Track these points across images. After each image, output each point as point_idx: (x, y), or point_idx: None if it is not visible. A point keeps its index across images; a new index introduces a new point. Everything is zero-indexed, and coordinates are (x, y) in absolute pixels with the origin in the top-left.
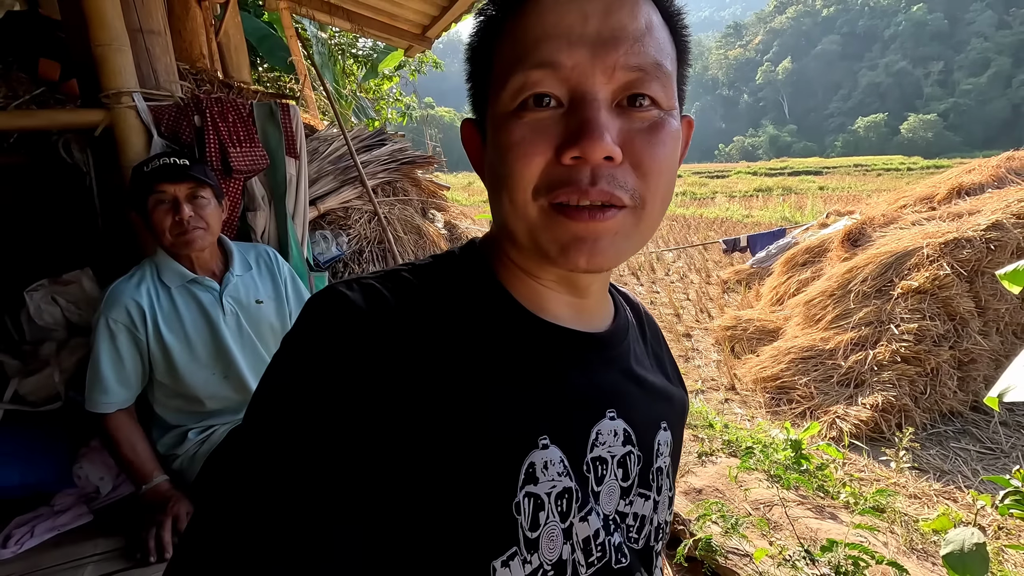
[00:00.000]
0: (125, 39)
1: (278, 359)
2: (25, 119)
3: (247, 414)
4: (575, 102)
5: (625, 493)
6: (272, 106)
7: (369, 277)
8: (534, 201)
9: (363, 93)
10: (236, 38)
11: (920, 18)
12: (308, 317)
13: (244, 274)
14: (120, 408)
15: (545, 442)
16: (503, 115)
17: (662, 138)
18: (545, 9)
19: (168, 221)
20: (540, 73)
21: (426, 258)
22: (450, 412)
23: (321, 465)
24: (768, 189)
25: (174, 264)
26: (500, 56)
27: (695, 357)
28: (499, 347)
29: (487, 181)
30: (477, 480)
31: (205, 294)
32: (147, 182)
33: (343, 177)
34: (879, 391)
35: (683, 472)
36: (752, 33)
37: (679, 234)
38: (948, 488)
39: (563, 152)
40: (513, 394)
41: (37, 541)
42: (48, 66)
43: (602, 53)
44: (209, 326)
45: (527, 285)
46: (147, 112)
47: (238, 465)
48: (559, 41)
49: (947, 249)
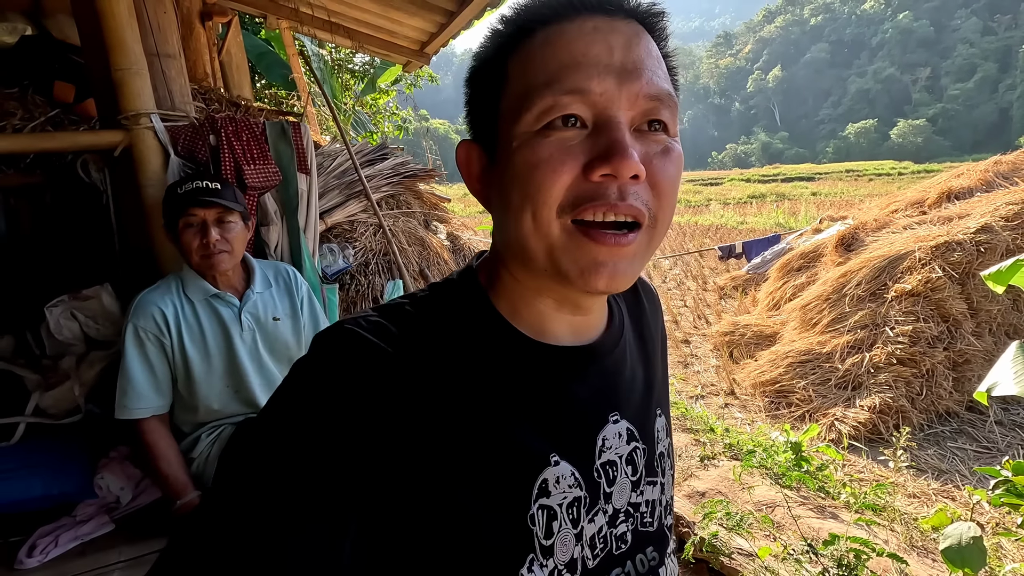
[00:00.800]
0: (143, 63)
1: (289, 395)
2: (48, 141)
3: (257, 436)
4: (601, 125)
5: (635, 486)
6: (284, 124)
7: (374, 314)
8: (558, 219)
9: (361, 107)
10: (238, 56)
11: (906, 25)
12: (320, 354)
13: (264, 291)
14: (155, 414)
15: (556, 459)
16: (527, 134)
17: (673, 160)
18: (571, 38)
19: (196, 243)
20: (570, 98)
21: (425, 289)
22: (462, 445)
23: (326, 505)
24: (762, 196)
25: (199, 280)
26: (519, 78)
27: (694, 363)
28: (503, 378)
29: (497, 202)
30: (493, 505)
31: (226, 309)
32: (179, 204)
33: (348, 191)
34: (876, 393)
35: (686, 475)
36: (742, 42)
37: (675, 241)
38: (946, 487)
39: (593, 169)
40: (521, 421)
41: (61, 550)
42: (63, 88)
43: (627, 82)
44: (226, 341)
45: (529, 308)
46: (164, 132)
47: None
48: (590, 70)
49: (938, 252)
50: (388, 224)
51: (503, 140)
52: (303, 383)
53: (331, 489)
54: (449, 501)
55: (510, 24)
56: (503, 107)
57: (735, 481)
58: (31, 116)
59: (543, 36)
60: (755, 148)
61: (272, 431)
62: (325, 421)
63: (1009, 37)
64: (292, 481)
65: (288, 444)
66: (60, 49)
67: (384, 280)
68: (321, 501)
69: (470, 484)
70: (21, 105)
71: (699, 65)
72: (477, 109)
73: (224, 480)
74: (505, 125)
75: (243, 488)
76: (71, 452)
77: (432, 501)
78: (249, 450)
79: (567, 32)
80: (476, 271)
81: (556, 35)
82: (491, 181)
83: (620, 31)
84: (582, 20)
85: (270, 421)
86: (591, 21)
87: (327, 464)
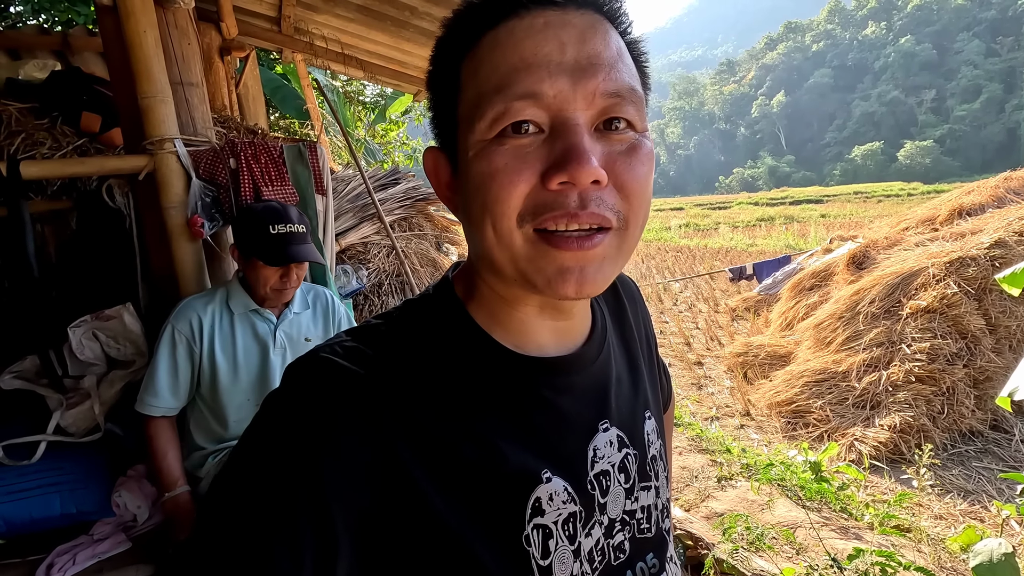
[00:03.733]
0: (168, 91)
1: (260, 429)
2: (77, 166)
3: (231, 473)
4: (557, 128)
5: (629, 493)
6: (300, 147)
7: (348, 338)
8: (519, 228)
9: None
10: (254, 89)
11: (909, 49)
12: (290, 385)
13: (302, 312)
14: (165, 415)
15: (548, 475)
16: (481, 143)
17: (641, 159)
18: (520, 38)
19: (274, 279)
20: (523, 103)
21: (398, 307)
22: (447, 468)
23: (305, 538)
24: (770, 218)
25: (244, 295)
26: (471, 83)
27: (708, 385)
28: (487, 394)
29: (462, 211)
30: (485, 530)
31: (262, 324)
32: (269, 247)
33: (362, 214)
34: (896, 412)
35: (703, 496)
36: (745, 69)
37: (685, 265)
38: (974, 508)
39: (550, 177)
40: (509, 438)
41: (79, 569)
42: (89, 119)
43: (582, 81)
44: (260, 354)
45: (509, 316)
46: (186, 156)
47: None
48: (540, 71)
49: (952, 268)
50: (400, 246)
51: (461, 149)
52: (273, 416)
53: (308, 522)
54: (437, 528)
55: (457, 26)
56: (459, 114)
57: (753, 501)
58: (59, 145)
59: (492, 38)
60: (762, 172)
61: (244, 467)
62: (296, 453)
63: (1013, 58)
64: (266, 517)
65: (259, 480)
66: (87, 81)
67: (397, 300)
68: (299, 534)
69: (458, 509)
70: (50, 135)
71: (703, 92)
72: (437, 116)
73: (205, 517)
74: (462, 134)
75: (221, 524)
76: (90, 471)
77: (419, 528)
78: (224, 487)
79: (515, 31)
80: (453, 282)
81: (505, 35)
82: (458, 191)
83: (572, 24)
84: (532, 16)
85: (242, 457)
86: (541, 16)
87: (302, 497)
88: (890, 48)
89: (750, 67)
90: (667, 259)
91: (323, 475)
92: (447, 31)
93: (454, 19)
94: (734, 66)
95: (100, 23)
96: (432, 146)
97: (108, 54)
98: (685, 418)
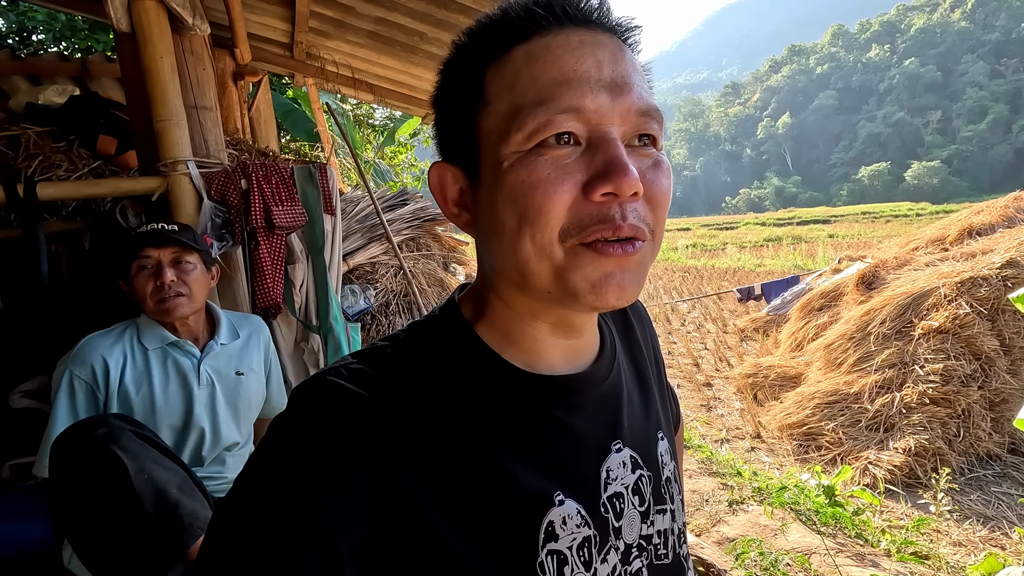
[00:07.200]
0: (183, 115)
1: (268, 453)
2: (93, 187)
3: (236, 499)
4: (595, 142)
5: (644, 516)
6: (310, 168)
7: (354, 360)
8: (561, 242)
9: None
10: (266, 112)
11: (913, 71)
12: (297, 408)
13: (229, 343)
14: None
15: (560, 497)
16: (517, 153)
17: (664, 173)
18: (558, 54)
19: (150, 286)
20: (565, 116)
21: (404, 329)
22: (456, 491)
23: (310, 563)
24: (778, 238)
25: (156, 327)
26: (504, 95)
27: (717, 406)
28: (496, 414)
29: (484, 225)
30: (497, 558)
31: (184, 359)
32: (133, 247)
33: (370, 234)
34: (910, 434)
35: (715, 521)
36: (750, 91)
37: (692, 285)
38: (994, 534)
39: (594, 188)
40: (519, 460)
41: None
42: (106, 142)
43: (619, 98)
44: (182, 392)
45: (522, 334)
46: (199, 178)
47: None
48: (583, 86)
49: (964, 288)
50: (408, 266)
51: (488, 161)
52: (277, 441)
53: (312, 548)
54: (444, 557)
55: (483, 38)
56: (484, 126)
57: (766, 526)
58: (75, 167)
59: (525, 51)
60: (768, 192)
61: (248, 494)
62: (299, 480)
63: (1018, 80)
64: (269, 544)
65: (263, 508)
66: (104, 106)
67: (404, 320)
68: (303, 562)
69: (467, 536)
70: (67, 157)
71: (708, 114)
72: (450, 129)
73: (211, 542)
74: (489, 145)
75: (226, 549)
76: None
77: (426, 557)
78: (229, 514)
79: (552, 46)
80: (459, 304)
81: (541, 49)
82: (475, 204)
83: (605, 45)
84: (567, 34)
85: (246, 484)
86: (575, 35)
87: (305, 524)
88: (894, 70)
89: (755, 89)
90: (675, 279)
91: (327, 502)
92: (471, 39)
93: (479, 29)
94: (739, 88)
95: (119, 49)
96: (439, 161)
97: (125, 79)
98: (695, 440)
